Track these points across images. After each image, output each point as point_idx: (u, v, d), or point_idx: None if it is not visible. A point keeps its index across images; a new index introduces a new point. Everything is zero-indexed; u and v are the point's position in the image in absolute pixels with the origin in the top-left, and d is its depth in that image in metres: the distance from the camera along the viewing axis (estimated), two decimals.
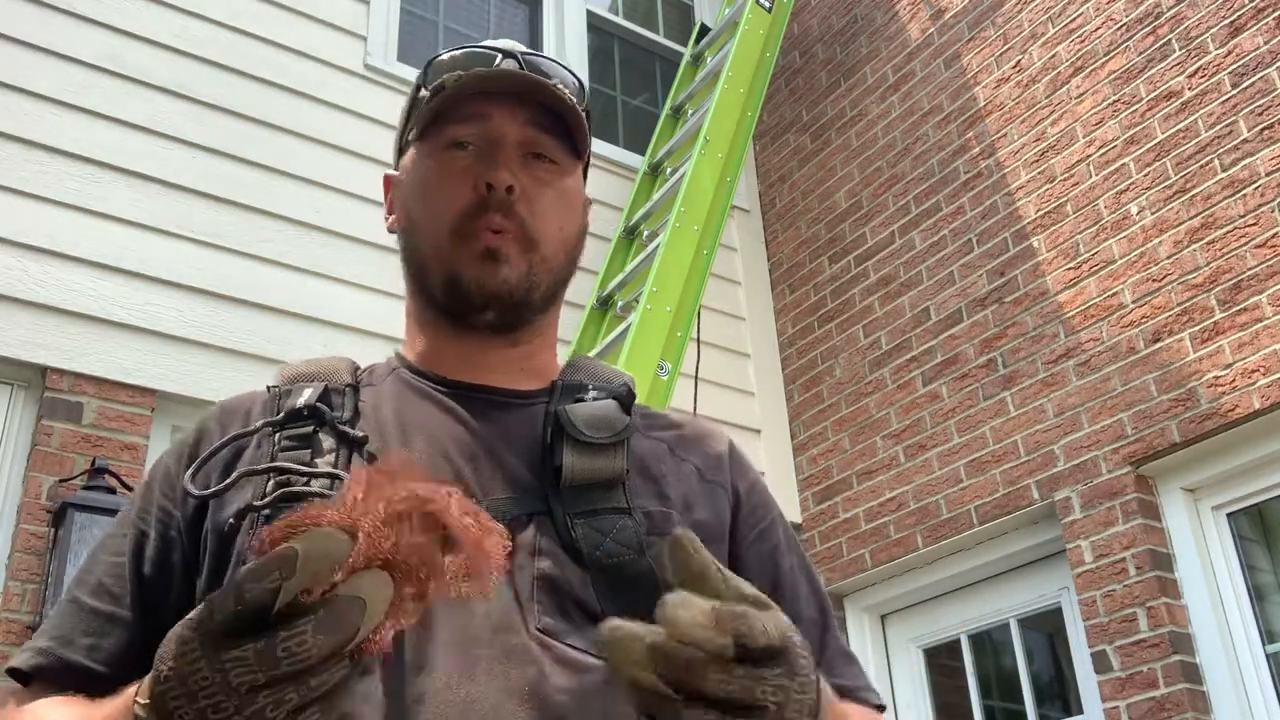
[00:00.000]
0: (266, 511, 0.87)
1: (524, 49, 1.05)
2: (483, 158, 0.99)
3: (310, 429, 0.93)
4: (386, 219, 1.09)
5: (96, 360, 3.23)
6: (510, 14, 5.03)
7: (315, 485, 0.88)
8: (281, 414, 0.94)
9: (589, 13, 5.14)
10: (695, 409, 3.84)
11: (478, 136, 1.00)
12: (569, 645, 0.83)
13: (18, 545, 2.95)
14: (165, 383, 3.30)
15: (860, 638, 4.19)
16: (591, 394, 0.99)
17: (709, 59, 4.90)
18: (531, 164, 1.01)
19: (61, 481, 3.04)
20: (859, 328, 4.45)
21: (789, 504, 4.40)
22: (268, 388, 1.00)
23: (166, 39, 3.79)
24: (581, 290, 4.12)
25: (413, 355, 1.04)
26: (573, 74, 1.06)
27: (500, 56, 1.03)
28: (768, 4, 4.63)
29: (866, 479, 4.23)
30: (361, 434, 0.93)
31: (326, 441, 0.92)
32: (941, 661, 4.10)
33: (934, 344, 4.14)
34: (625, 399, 1.00)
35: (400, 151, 1.09)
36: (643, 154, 4.75)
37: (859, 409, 4.34)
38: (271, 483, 0.89)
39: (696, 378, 3.99)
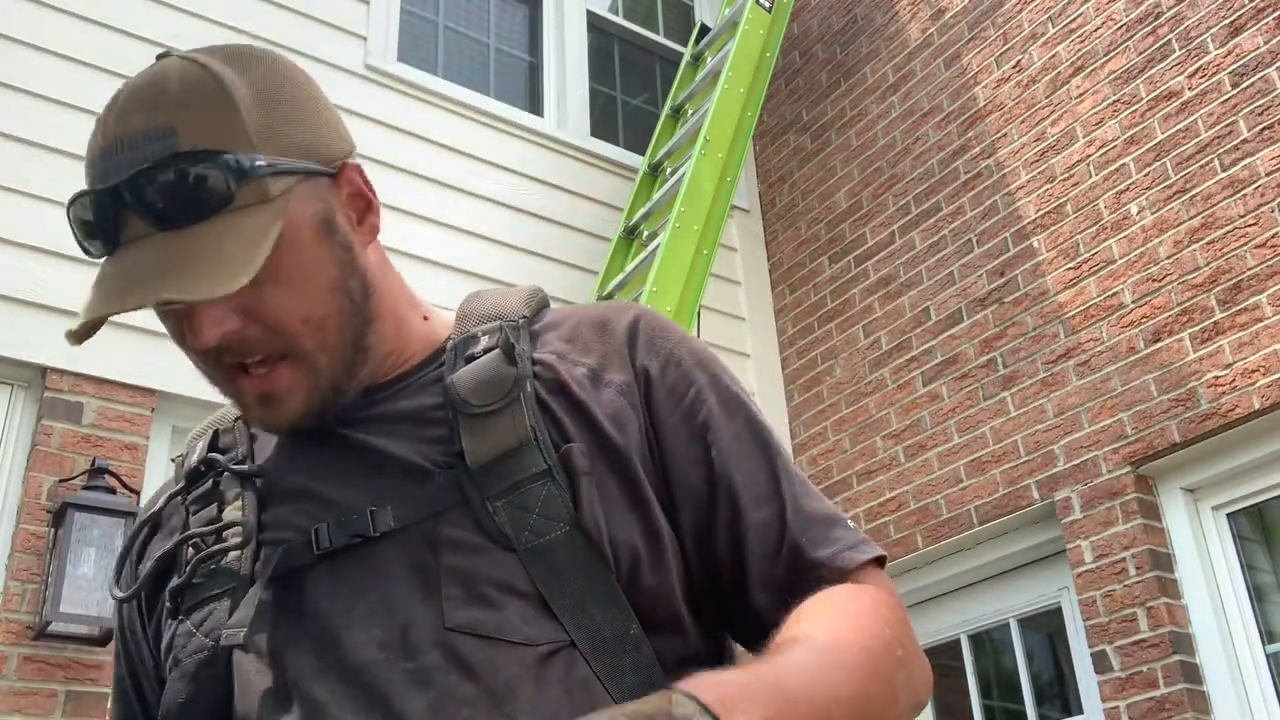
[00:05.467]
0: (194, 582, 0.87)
1: (131, 160, 0.79)
2: (175, 311, 0.83)
3: (211, 483, 0.91)
4: None
5: (96, 360, 3.23)
6: (510, 14, 5.03)
7: (229, 537, 0.86)
8: (182, 481, 0.93)
9: (589, 13, 5.14)
10: None
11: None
12: (483, 636, 0.78)
13: (18, 545, 2.95)
14: (165, 383, 3.30)
15: None
16: (482, 342, 0.89)
17: (709, 59, 4.90)
18: None
19: (61, 481, 3.04)
20: (859, 328, 4.45)
21: None
22: (171, 460, 0.99)
23: (167, 39, 3.79)
24: (582, 290, 4.12)
25: None
26: (204, 151, 0.79)
27: (112, 203, 0.80)
28: (768, 4, 4.63)
29: (866, 479, 4.23)
30: (254, 467, 0.90)
31: (230, 490, 0.90)
32: (941, 662, 4.09)
33: (934, 344, 4.14)
34: (509, 339, 0.88)
35: None
36: (643, 154, 4.75)
37: (859, 409, 4.34)
38: (189, 550, 0.88)
39: None
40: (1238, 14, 3.54)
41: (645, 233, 4.26)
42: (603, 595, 0.80)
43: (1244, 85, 3.46)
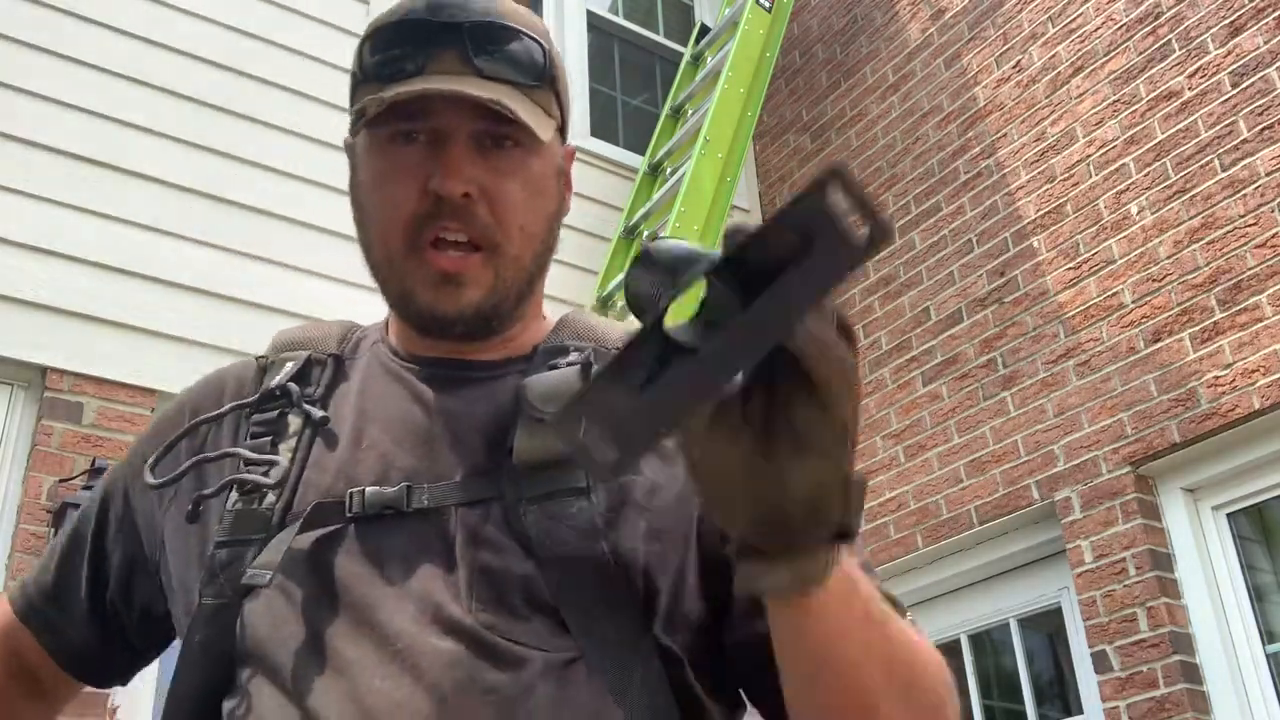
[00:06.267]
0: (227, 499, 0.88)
1: (473, 16, 0.90)
2: (432, 153, 0.89)
3: (278, 411, 0.92)
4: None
5: (96, 360, 3.23)
6: None
7: (271, 475, 0.87)
8: (257, 395, 0.94)
9: (589, 13, 5.14)
10: None
11: (425, 128, 0.89)
12: (507, 640, 0.79)
13: (18, 545, 2.95)
14: (165, 383, 3.30)
15: None
16: (571, 356, 0.91)
17: (709, 59, 4.91)
18: (489, 152, 0.89)
19: (61, 481, 3.04)
20: (859, 328, 4.45)
21: None
22: (256, 358, 1.00)
23: (167, 39, 3.79)
24: (582, 290, 4.12)
25: (392, 330, 0.99)
26: (534, 38, 0.92)
27: (439, 35, 0.89)
28: (768, 4, 4.63)
29: (866, 479, 4.22)
30: (321, 414, 0.90)
31: (293, 423, 0.91)
32: None
33: (934, 344, 4.14)
34: (590, 360, 0.90)
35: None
36: (643, 154, 4.75)
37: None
38: (229, 467, 0.90)
39: None
40: (1238, 14, 3.53)
41: (645, 233, 4.26)
42: (615, 609, 0.81)
43: (1244, 85, 3.46)
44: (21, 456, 3.10)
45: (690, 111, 4.79)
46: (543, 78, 0.92)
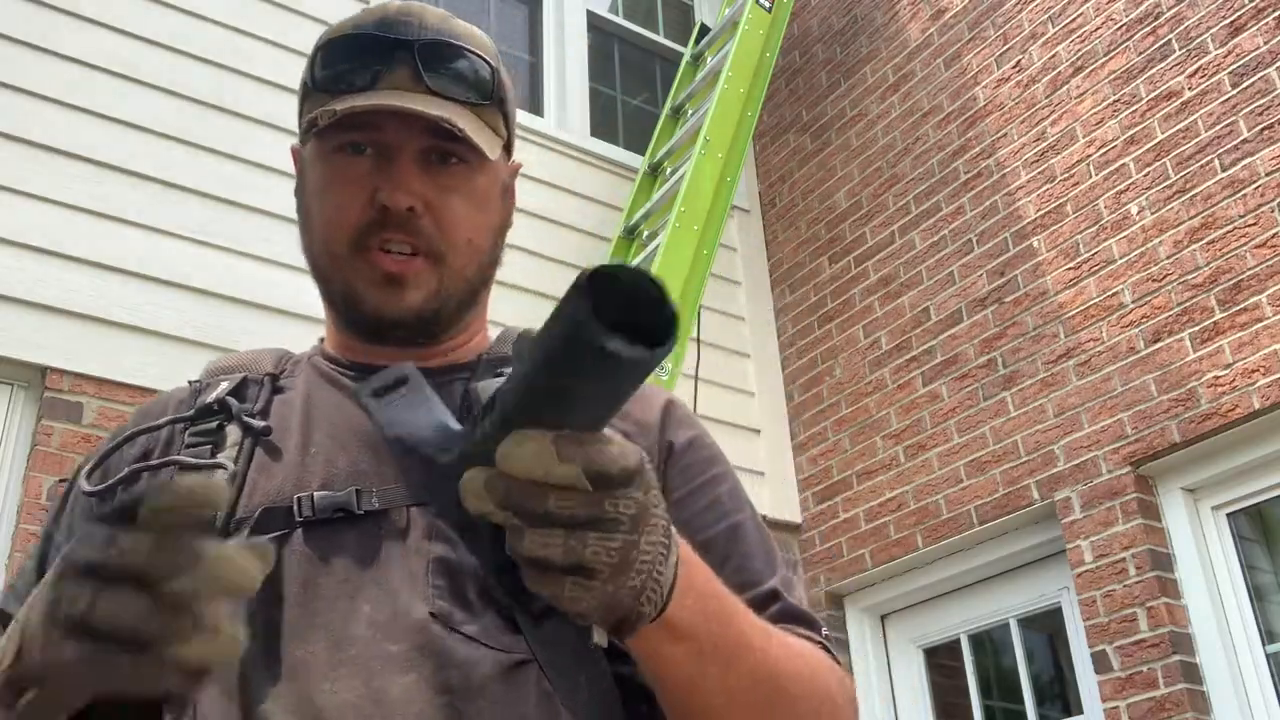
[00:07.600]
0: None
1: (425, 34, 0.93)
2: (380, 167, 0.91)
3: (216, 424, 0.93)
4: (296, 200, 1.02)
5: (96, 360, 3.23)
6: (510, 13, 5.03)
7: (215, 479, 0.87)
8: (193, 410, 0.94)
9: (589, 13, 5.14)
10: (695, 409, 3.85)
11: (373, 141, 0.92)
12: (463, 634, 0.80)
13: (18, 545, 2.95)
14: (165, 383, 3.28)
15: (860, 638, 4.19)
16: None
17: (709, 59, 4.90)
18: (435, 169, 0.92)
19: (61, 481, 3.03)
20: (859, 328, 4.45)
21: (789, 504, 4.40)
22: (189, 382, 1.00)
23: (166, 39, 3.79)
24: None
25: (330, 343, 1.01)
26: (483, 58, 0.95)
27: (392, 51, 0.91)
28: (768, 4, 4.63)
29: (866, 479, 4.23)
30: (262, 424, 0.91)
31: (231, 435, 0.92)
32: (941, 661, 4.09)
33: (934, 344, 4.14)
34: None
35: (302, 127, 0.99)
36: (643, 154, 4.75)
37: (859, 409, 4.34)
38: (173, 472, 0.90)
39: (696, 378, 4.00)
40: (1238, 14, 3.54)
41: (645, 233, 4.26)
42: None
43: (1244, 85, 3.46)
44: (21, 456, 3.10)
45: (690, 111, 4.78)
46: (490, 96, 0.95)
